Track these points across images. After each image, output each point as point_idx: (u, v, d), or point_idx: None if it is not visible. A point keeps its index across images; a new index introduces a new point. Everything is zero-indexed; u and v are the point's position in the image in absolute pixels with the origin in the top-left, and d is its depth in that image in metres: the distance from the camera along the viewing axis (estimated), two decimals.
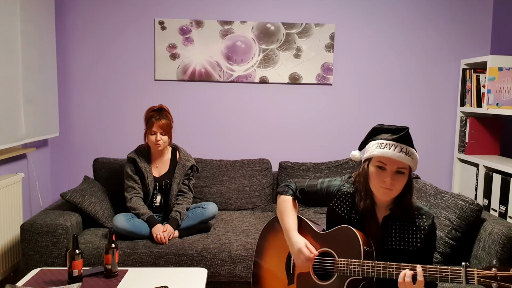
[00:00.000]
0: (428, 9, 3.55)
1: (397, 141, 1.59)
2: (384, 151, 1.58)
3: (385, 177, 1.59)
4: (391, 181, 1.58)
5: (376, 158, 1.61)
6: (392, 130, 1.64)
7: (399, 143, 1.59)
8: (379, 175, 1.61)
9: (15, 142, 2.77)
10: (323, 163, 3.38)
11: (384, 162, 1.59)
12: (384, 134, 1.64)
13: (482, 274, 1.40)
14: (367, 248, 1.63)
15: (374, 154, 1.61)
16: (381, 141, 1.61)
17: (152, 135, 2.78)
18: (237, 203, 3.27)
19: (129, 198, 2.77)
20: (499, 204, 2.88)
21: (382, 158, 1.60)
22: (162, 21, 3.47)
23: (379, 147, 1.60)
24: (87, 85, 3.52)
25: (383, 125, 1.68)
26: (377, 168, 1.61)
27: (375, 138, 1.65)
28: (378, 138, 1.64)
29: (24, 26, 2.87)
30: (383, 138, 1.62)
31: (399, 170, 1.59)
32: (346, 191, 1.77)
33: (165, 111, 2.82)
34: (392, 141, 1.59)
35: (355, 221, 1.74)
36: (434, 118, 3.64)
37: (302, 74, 3.54)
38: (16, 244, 2.86)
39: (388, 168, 1.59)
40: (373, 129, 1.69)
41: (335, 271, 1.67)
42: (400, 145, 1.58)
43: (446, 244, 2.32)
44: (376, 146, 1.62)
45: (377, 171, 1.61)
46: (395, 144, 1.58)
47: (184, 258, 2.57)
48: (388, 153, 1.58)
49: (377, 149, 1.60)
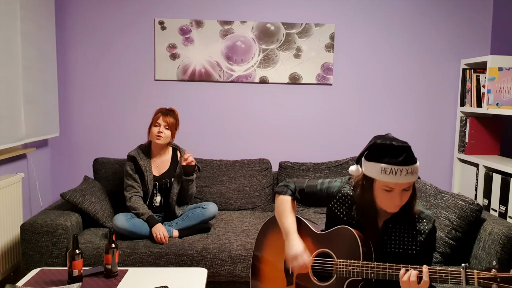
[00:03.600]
0: (428, 9, 3.55)
1: (402, 165, 1.52)
2: (390, 177, 1.53)
3: (394, 198, 1.56)
4: (400, 201, 1.57)
5: (382, 183, 1.56)
6: (393, 150, 1.54)
7: (404, 166, 1.52)
8: (386, 196, 1.58)
9: (15, 142, 2.77)
10: (323, 163, 3.38)
11: (391, 186, 1.55)
12: (385, 156, 1.54)
13: (482, 276, 1.40)
14: (366, 249, 1.63)
15: (380, 179, 1.55)
16: (385, 166, 1.53)
17: (155, 127, 2.79)
18: (237, 203, 3.27)
19: (128, 197, 2.77)
20: (499, 204, 2.88)
21: (389, 183, 1.55)
22: (162, 21, 3.47)
23: (384, 173, 1.53)
24: (87, 85, 3.52)
25: (382, 143, 1.56)
26: (384, 191, 1.57)
27: (377, 159, 1.56)
28: (379, 160, 1.55)
29: (24, 26, 2.87)
30: (385, 161, 1.53)
31: (405, 189, 1.57)
32: (346, 193, 1.76)
33: (174, 112, 2.89)
34: (397, 165, 1.52)
35: (354, 223, 1.73)
36: (434, 118, 3.64)
37: (302, 74, 3.54)
38: (16, 244, 2.86)
39: (395, 190, 1.56)
40: (371, 147, 1.59)
41: (334, 272, 1.67)
42: (405, 168, 1.52)
43: (446, 244, 2.32)
44: (380, 171, 1.54)
45: (384, 193, 1.58)
46: (400, 168, 1.52)
47: (184, 258, 2.57)
48: (395, 179, 1.52)
49: (382, 175, 1.54)
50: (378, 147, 1.57)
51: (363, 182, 1.64)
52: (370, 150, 1.60)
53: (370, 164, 1.59)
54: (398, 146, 1.54)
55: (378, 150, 1.57)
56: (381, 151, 1.56)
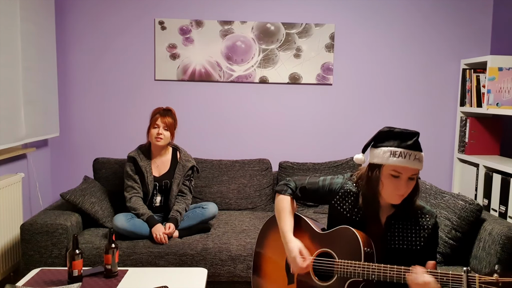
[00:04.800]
0: (428, 9, 3.55)
1: (412, 149, 1.55)
2: (400, 160, 1.54)
3: (400, 185, 1.57)
4: (406, 189, 1.57)
5: (391, 167, 1.57)
6: (403, 136, 1.58)
7: (413, 151, 1.55)
8: (393, 183, 1.58)
9: (15, 142, 2.77)
10: (323, 163, 3.38)
11: (399, 171, 1.56)
12: (394, 140, 1.58)
13: (484, 280, 1.38)
14: (368, 249, 1.63)
15: (389, 163, 1.56)
16: (395, 149, 1.56)
17: (154, 129, 2.79)
18: (237, 203, 3.27)
19: (128, 198, 2.77)
20: (499, 204, 2.88)
21: (397, 167, 1.56)
22: (162, 21, 3.47)
23: (393, 156, 1.56)
24: (87, 85, 3.52)
25: (392, 129, 1.61)
26: (391, 177, 1.58)
27: (385, 145, 1.59)
28: (389, 145, 1.58)
29: (24, 26, 2.87)
30: (395, 145, 1.57)
31: (411, 177, 1.58)
32: (349, 189, 1.75)
33: (171, 112, 2.87)
34: (407, 149, 1.55)
35: (357, 220, 1.73)
36: (434, 118, 3.64)
37: (302, 74, 3.54)
38: (16, 244, 2.86)
39: (402, 176, 1.57)
40: (380, 133, 1.63)
41: (335, 272, 1.67)
42: (414, 153, 1.55)
43: (446, 244, 2.32)
44: (390, 154, 1.56)
45: (391, 179, 1.58)
46: (409, 152, 1.55)
47: (184, 258, 2.57)
48: (404, 162, 1.54)
49: (392, 158, 1.56)
50: (386, 133, 1.61)
51: (368, 173, 1.64)
52: (378, 137, 1.63)
53: (378, 150, 1.61)
54: (407, 131, 1.59)
55: (387, 136, 1.61)
56: (391, 135, 1.60)
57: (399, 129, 1.60)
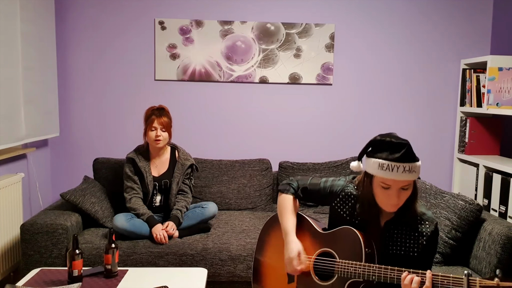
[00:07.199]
0: (428, 9, 3.55)
1: (399, 161, 1.52)
2: (387, 173, 1.53)
3: (392, 196, 1.56)
4: (397, 200, 1.56)
5: (380, 179, 1.56)
6: (392, 146, 1.54)
7: (401, 163, 1.51)
8: (384, 194, 1.58)
9: (15, 142, 2.77)
10: (323, 163, 3.38)
11: (387, 183, 1.55)
12: (384, 152, 1.55)
13: (485, 284, 1.37)
14: (369, 250, 1.63)
15: (378, 175, 1.56)
16: (382, 162, 1.53)
17: (152, 131, 2.78)
18: (237, 203, 3.27)
19: (128, 198, 2.77)
20: (499, 204, 2.88)
21: (386, 180, 1.55)
22: (162, 21, 3.47)
23: (380, 169, 1.54)
24: (87, 85, 3.52)
25: (382, 139, 1.58)
26: (382, 188, 1.57)
27: (376, 156, 1.57)
28: (378, 156, 1.56)
29: (24, 26, 2.87)
30: (383, 157, 1.54)
31: (403, 187, 1.56)
32: (350, 192, 1.75)
33: (165, 111, 2.84)
34: (394, 161, 1.52)
35: (357, 223, 1.73)
36: (434, 118, 3.64)
37: (302, 74, 3.54)
38: (16, 244, 2.86)
39: (392, 187, 1.55)
40: (371, 143, 1.61)
41: (335, 272, 1.67)
42: (403, 165, 1.51)
43: (446, 244, 2.32)
44: (378, 167, 1.55)
45: (382, 190, 1.58)
46: (397, 165, 1.51)
47: (184, 258, 2.57)
48: (392, 176, 1.52)
49: (380, 171, 1.54)
50: (377, 143, 1.59)
51: (364, 179, 1.64)
52: (370, 147, 1.62)
53: (369, 160, 1.61)
54: (397, 142, 1.55)
55: (378, 146, 1.59)
56: (380, 146, 1.58)
57: (389, 139, 1.56)
